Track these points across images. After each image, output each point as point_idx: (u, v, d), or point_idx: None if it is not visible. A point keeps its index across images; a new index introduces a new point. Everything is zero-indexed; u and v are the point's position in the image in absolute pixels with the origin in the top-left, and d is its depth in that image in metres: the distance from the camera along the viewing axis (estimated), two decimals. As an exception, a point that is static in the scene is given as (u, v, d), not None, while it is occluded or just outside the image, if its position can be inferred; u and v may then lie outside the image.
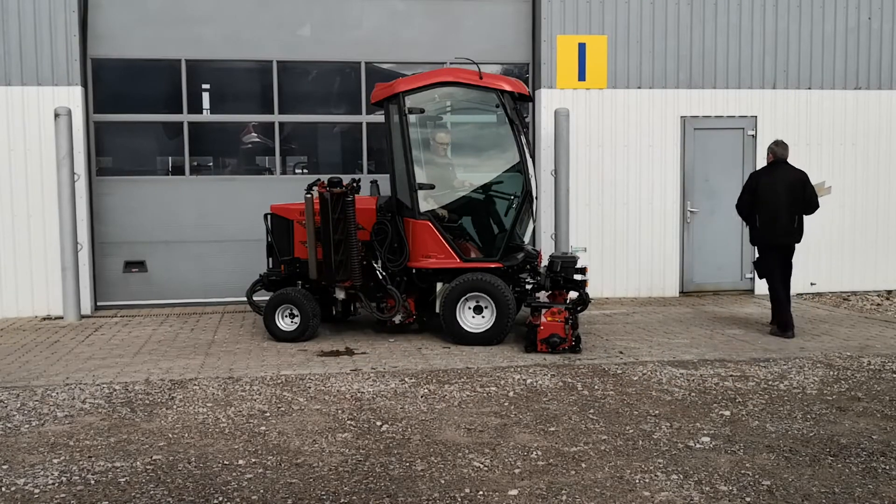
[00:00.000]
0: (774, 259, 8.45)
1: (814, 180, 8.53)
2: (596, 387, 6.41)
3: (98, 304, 10.30)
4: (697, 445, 5.06)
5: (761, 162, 11.15)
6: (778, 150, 8.55)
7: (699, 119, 11.10)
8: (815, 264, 11.46)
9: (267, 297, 8.41)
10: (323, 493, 4.34)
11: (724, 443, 5.10)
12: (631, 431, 5.32)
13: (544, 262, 8.76)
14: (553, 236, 10.42)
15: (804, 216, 8.39)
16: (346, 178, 8.12)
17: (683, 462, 4.77)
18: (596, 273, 9.90)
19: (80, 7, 9.84)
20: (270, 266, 8.77)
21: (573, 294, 8.14)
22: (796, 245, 8.49)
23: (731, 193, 10.51)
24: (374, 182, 9.38)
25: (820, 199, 8.49)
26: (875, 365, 7.15)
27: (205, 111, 10.79)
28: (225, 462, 4.80)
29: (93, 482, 4.51)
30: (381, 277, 8.23)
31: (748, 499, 4.24)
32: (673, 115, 11.01)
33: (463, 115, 9.41)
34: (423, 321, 8.59)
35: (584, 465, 4.71)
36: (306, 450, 5.00)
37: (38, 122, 9.76)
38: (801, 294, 11.38)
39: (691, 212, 11.14)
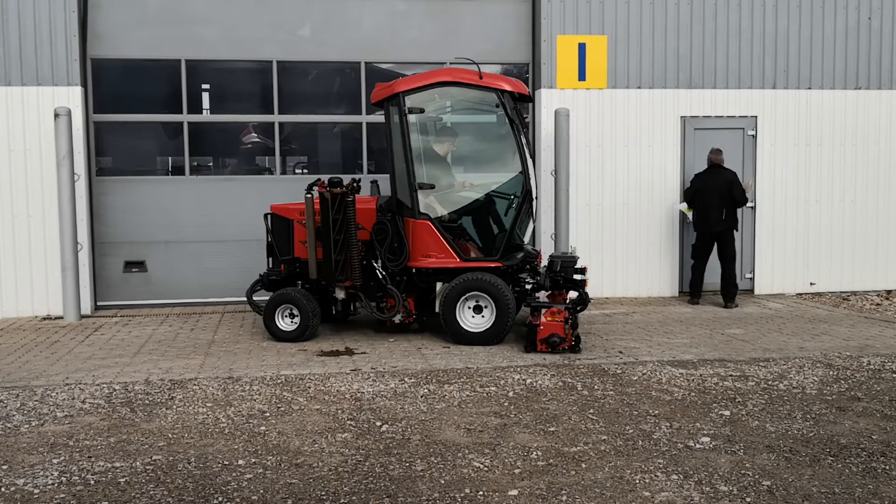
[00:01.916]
0: (707, 245, 10.42)
1: (744, 180, 10.45)
2: (596, 387, 6.41)
3: (98, 304, 10.30)
4: (697, 445, 5.06)
5: (761, 162, 11.24)
6: (712, 157, 10.42)
7: (699, 119, 11.10)
8: (815, 264, 11.48)
9: (267, 297, 8.42)
10: (323, 493, 4.34)
11: (724, 443, 5.10)
12: (631, 431, 5.32)
13: (544, 261, 8.76)
14: (553, 236, 10.42)
15: (736, 209, 10.26)
16: (346, 178, 8.13)
17: (683, 462, 4.77)
18: (596, 273, 9.90)
19: (79, 7, 9.84)
20: (270, 266, 8.77)
21: (573, 294, 8.14)
22: (735, 233, 10.36)
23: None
24: (374, 182, 9.38)
25: (749, 195, 10.42)
26: (875, 365, 7.15)
27: (205, 111, 10.79)
28: (225, 462, 4.80)
29: (93, 482, 4.51)
30: (381, 277, 8.23)
31: (748, 499, 4.24)
32: (673, 115, 11.01)
33: (463, 115, 9.41)
34: (423, 321, 8.59)
35: (584, 465, 4.71)
36: (306, 450, 5.00)
37: (38, 122, 9.77)
38: (801, 294, 11.39)
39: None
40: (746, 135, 11.23)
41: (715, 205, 10.18)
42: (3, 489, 4.42)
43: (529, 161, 8.29)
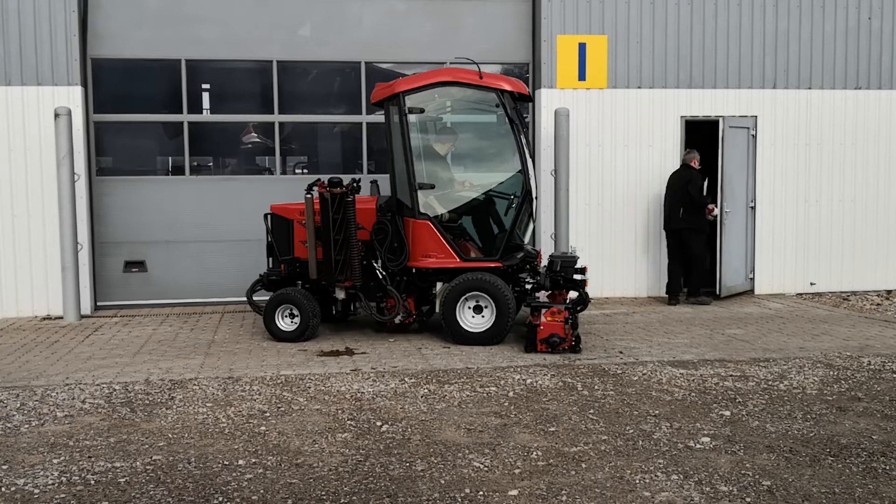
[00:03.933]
0: (674, 244, 10.59)
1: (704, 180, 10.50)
2: (596, 387, 6.41)
3: (98, 304, 10.30)
4: (697, 445, 5.06)
5: (761, 162, 11.24)
6: (684, 157, 10.63)
7: (700, 119, 11.09)
8: (816, 264, 11.48)
9: (267, 297, 8.41)
10: (323, 493, 4.34)
11: (724, 443, 5.10)
12: (631, 431, 5.31)
13: (544, 261, 8.76)
14: (553, 236, 10.42)
15: (696, 209, 10.30)
16: (346, 178, 8.13)
17: (683, 462, 4.77)
18: (596, 273, 9.90)
19: (80, 7, 9.84)
20: (270, 266, 8.77)
21: (573, 294, 8.14)
22: (697, 235, 10.37)
23: (732, 193, 10.57)
24: (374, 182, 9.38)
25: (708, 195, 10.46)
26: (875, 365, 7.15)
27: (205, 111, 10.79)
28: (225, 462, 4.80)
29: (93, 482, 4.51)
30: (381, 277, 8.23)
31: (748, 499, 4.24)
32: (673, 114, 11.01)
33: (463, 114, 9.41)
34: (422, 321, 8.59)
35: (584, 466, 4.71)
36: (306, 450, 5.00)
37: (38, 122, 9.77)
38: (802, 294, 11.38)
39: (691, 212, 11.14)
40: (748, 135, 11.21)
41: (674, 204, 10.45)
42: (3, 489, 4.42)
43: (529, 161, 8.29)
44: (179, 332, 8.87)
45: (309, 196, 8.11)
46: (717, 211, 10.62)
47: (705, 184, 10.51)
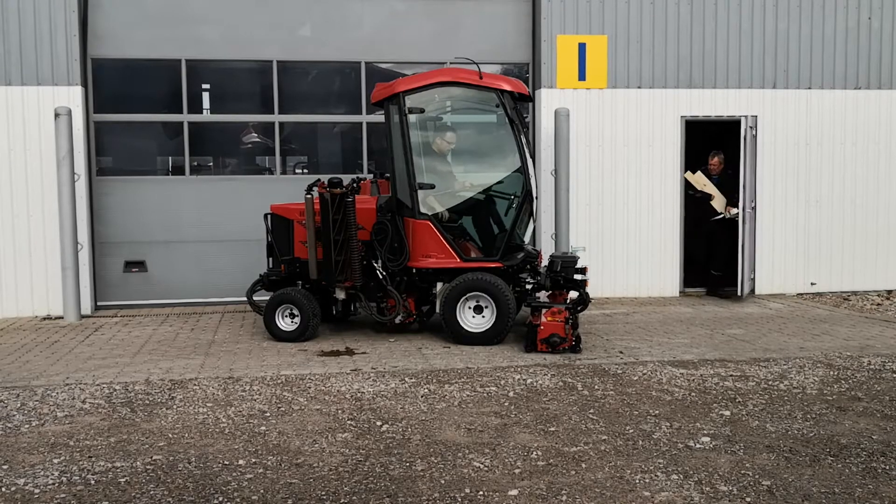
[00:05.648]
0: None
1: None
2: (596, 387, 6.41)
3: (98, 304, 10.30)
4: (697, 445, 5.06)
5: (761, 162, 11.23)
6: None
7: (700, 119, 11.09)
8: (816, 264, 11.47)
9: (267, 297, 8.42)
10: (323, 493, 4.34)
11: (724, 443, 5.10)
12: (631, 431, 5.32)
13: (544, 261, 8.76)
14: (553, 236, 10.42)
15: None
16: (346, 178, 8.13)
17: (683, 462, 4.77)
18: (596, 273, 9.90)
19: (80, 7, 9.84)
20: (270, 266, 8.77)
21: (573, 294, 8.14)
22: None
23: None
24: (373, 182, 9.38)
25: (707, 189, 10.97)
26: (875, 365, 7.15)
27: (205, 111, 10.80)
28: (225, 462, 4.80)
29: (93, 482, 4.51)
30: (381, 277, 8.23)
31: (748, 499, 4.24)
32: (673, 115, 11.01)
33: (463, 115, 9.41)
34: (423, 321, 8.59)
35: (584, 465, 4.71)
36: (306, 450, 5.00)
37: (38, 122, 9.77)
38: (802, 294, 11.39)
39: (691, 212, 11.15)
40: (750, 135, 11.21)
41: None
42: (3, 489, 4.42)
43: (529, 161, 8.29)
44: (179, 332, 8.87)
45: (309, 196, 8.11)
46: (735, 210, 10.76)
47: (699, 179, 10.81)
